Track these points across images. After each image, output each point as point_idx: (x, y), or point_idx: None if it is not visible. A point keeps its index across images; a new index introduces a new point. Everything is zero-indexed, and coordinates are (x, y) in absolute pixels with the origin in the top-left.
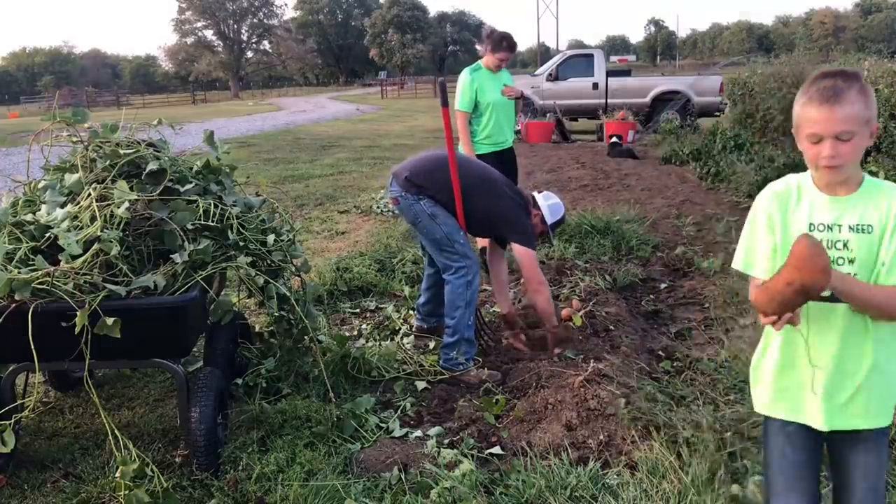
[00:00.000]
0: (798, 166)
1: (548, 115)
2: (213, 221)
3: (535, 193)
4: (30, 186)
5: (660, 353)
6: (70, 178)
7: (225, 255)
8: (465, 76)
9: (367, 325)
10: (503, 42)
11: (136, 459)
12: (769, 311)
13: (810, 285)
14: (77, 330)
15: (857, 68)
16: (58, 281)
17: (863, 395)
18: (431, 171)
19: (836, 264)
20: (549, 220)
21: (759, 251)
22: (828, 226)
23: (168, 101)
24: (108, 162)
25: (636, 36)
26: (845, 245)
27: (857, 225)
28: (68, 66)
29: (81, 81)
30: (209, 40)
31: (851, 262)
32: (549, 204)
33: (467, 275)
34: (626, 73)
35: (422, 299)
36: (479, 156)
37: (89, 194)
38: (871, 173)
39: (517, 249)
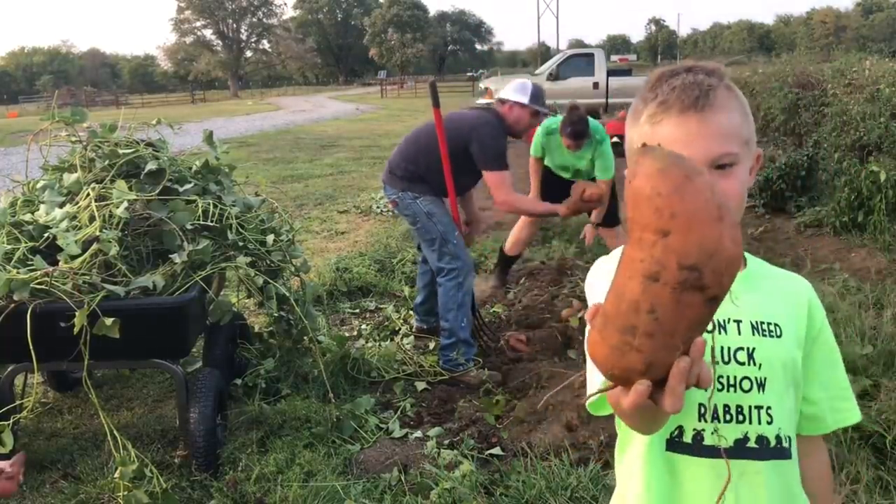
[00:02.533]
0: (798, 166)
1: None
2: (212, 221)
3: (497, 95)
4: (28, 186)
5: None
6: (69, 178)
7: (224, 256)
8: (540, 129)
9: (367, 325)
10: (567, 128)
11: (135, 460)
12: (631, 363)
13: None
14: (76, 330)
15: (719, 63)
16: (56, 281)
17: None
18: (407, 154)
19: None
20: (524, 99)
21: None
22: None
23: (167, 100)
24: (106, 162)
25: (637, 35)
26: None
27: (760, 323)
28: (67, 65)
29: (80, 81)
30: (208, 40)
31: (761, 386)
32: (512, 88)
33: (458, 276)
34: (626, 72)
35: (419, 299)
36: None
37: (88, 194)
38: (873, 173)
39: (487, 178)
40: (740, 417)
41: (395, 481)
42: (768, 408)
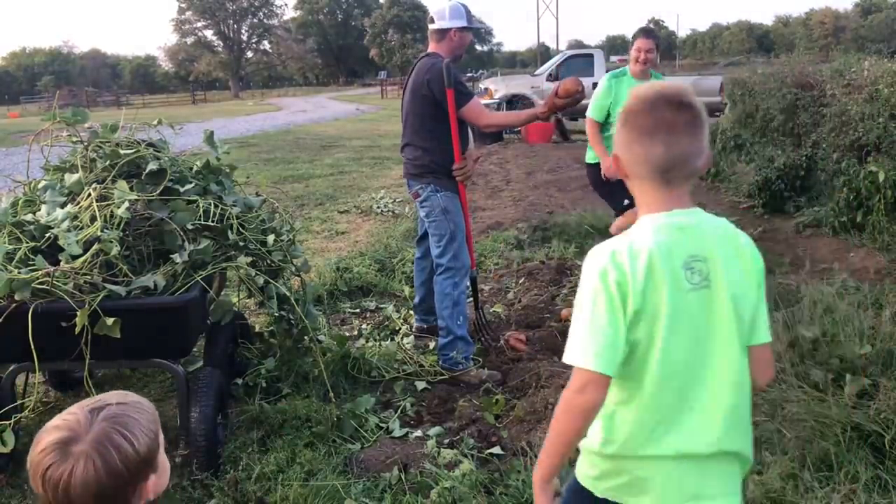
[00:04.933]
0: (796, 166)
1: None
2: (213, 221)
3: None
4: (30, 186)
5: None
6: (70, 179)
7: (225, 255)
8: (602, 81)
9: (367, 325)
10: (641, 32)
11: None
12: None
13: None
14: (77, 330)
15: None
16: (58, 281)
17: None
18: (407, 145)
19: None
20: (464, 22)
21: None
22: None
23: (168, 101)
24: (108, 162)
25: None
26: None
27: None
28: (68, 66)
29: (81, 81)
30: (209, 40)
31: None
32: (449, 15)
33: (455, 276)
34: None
35: (417, 298)
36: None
37: (89, 194)
38: (872, 173)
39: (465, 114)
40: None
41: (395, 480)
42: None
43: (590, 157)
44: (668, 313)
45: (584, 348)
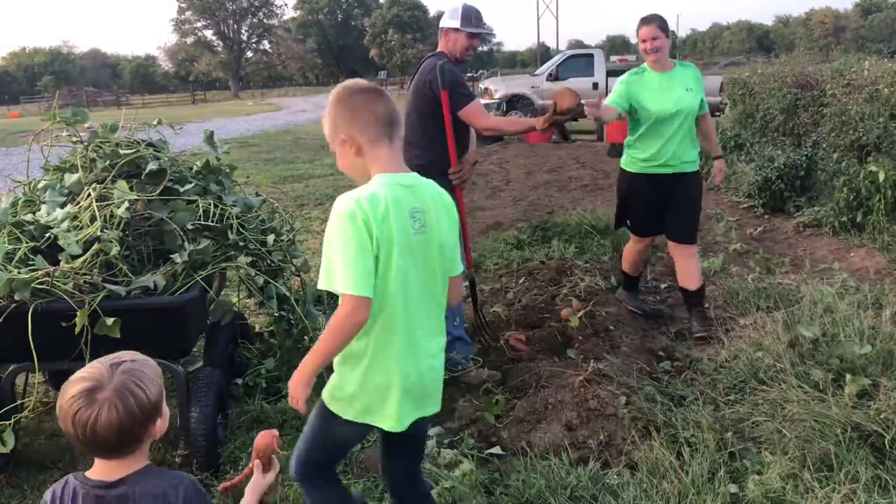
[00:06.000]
0: (797, 166)
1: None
2: (212, 221)
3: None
4: (30, 186)
5: (660, 353)
6: (70, 179)
7: (225, 255)
8: (623, 77)
9: None
10: (640, 21)
11: None
12: None
13: None
14: (77, 330)
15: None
16: (58, 281)
17: None
18: (410, 142)
19: None
20: (456, 24)
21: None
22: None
23: (168, 101)
24: (107, 162)
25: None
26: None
27: None
28: (68, 65)
29: (81, 81)
30: (209, 40)
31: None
32: (447, 16)
33: None
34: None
35: None
36: (631, 174)
37: (89, 194)
38: (872, 173)
39: (464, 115)
40: None
41: None
42: None
43: (625, 161)
44: (398, 250)
45: (347, 278)
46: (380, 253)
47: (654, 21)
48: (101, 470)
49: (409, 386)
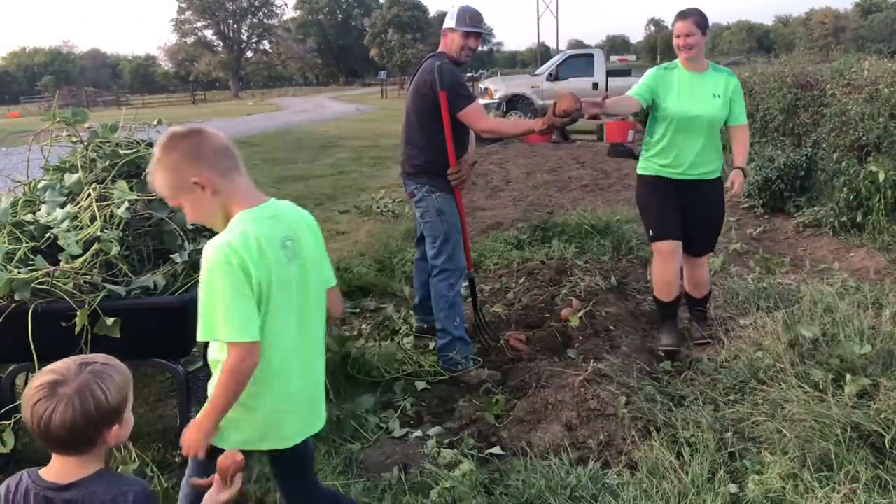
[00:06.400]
0: (797, 166)
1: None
2: None
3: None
4: (30, 186)
5: (660, 353)
6: (70, 179)
7: None
8: (650, 71)
9: (367, 325)
10: (677, 15)
11: (136, 459)
12: None
13: None
14: (77, 330)
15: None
16: (58, 281)
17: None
18: (405, 145)
19: None
20: (451, 24)
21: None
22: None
23: (168, 101)
24: (107, 162)
25: (636, 36)
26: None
27: None
28: (68, 66)
29: (81, 81)
30: (209, 40)
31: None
32: (448, 16)
33: (450, 278)
34: (626, 72)
35: (417, 298)
36: (645, 177)
37: (89, 194)
38: (872, 173)
39: (463, 117)
40: None
41: (395, 480)
42: None
43: (641, 166)
44: (276, 285)
45: (231, 326)
46: (261, 293)
47: (691, 16)
48: (56, 469)
49: (294, 407)
